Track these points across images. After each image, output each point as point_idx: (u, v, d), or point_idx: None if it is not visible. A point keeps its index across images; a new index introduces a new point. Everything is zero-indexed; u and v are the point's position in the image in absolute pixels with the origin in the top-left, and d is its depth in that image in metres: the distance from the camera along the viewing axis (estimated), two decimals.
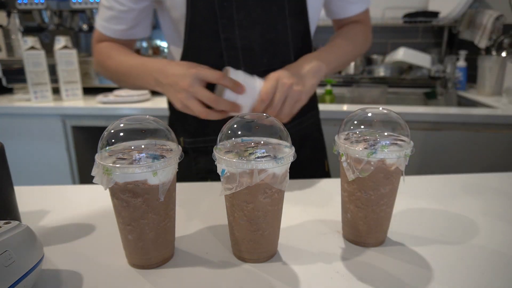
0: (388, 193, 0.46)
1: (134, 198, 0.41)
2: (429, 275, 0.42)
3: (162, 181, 0.41)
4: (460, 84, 1.82)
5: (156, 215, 0.43)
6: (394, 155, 0.43)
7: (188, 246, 0.49)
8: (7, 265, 0.35)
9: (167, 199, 0.43)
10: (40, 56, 1.52)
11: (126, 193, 0.41)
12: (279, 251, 0.47)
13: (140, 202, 0.41)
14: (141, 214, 0.42)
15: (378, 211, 0.47)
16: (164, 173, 0.41)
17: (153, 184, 0.41)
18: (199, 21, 0.70)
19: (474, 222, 0.55)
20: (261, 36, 0.72)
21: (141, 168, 0.39)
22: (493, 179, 0.71)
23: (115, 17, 0.74)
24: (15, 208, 0.50)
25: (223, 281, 0.42)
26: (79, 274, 0.43)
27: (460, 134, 1.35)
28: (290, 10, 0.72)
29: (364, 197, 0.46)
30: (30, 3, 1.62)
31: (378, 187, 0.45)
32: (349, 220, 0.49)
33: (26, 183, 0.69)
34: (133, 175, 0.40)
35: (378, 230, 0.48)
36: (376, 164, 0.44)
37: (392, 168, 0.44)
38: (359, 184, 0.46)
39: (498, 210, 0.59)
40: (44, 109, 1.50)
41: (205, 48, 0.72)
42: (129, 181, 0.40)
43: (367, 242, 0.48)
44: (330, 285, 0.41)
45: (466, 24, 1.83)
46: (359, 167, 0.44)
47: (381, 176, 0.45)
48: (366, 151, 0.43)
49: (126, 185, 0.40)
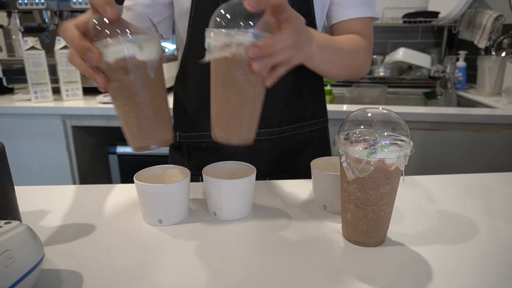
0: (388, 193, 0.46)
1: (126, 75, 0.44)
2: (429, 275, 0.43)
3: (149, 57, 0.45)
4: (460, 84, 1.82)
5: (149, 92, 0.46)
6: (394, 155, 0.44)
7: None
8: (8, 265, 0.35)
9: (158, 78, 0.47)
10: (40, 56, 1.52)
11: (119, 70, 0.44)
12: (277, 250, 0.48)
13: (132, 79, 0.44)
14: (136, 90, 0.45)
15: (378, 211, 0.47)
16: (149, 49, 0.45)
17: (141, 59, 0.44)
18: (202, 16, 0.71)
19: (474, 222, 0.55)
20: None
21: (127, 43, 0.42)
22: (493, 179, 0.72)
23: (137, 16, 0.72)
24: (16, 208, 0.50)
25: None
26: (79, 274, 0.43)
27: (459, 134, 1.35)
28: (294, 9, 0.72)
29: (364, 197, 0.46)
30: (30, 3, 1.62)
31: (378, 187, 0.45)
32: (349, 220, 0.49)
33: (27, 183, 0.69)
34: (120, 51, 0.43)
35: (378, 230, 0.48)
36: (376, 164, 0.44)
37: (392, 168, 0.45)
38: (359, 184, 0.46)
39: (498, 210, 0.59)
40: (44, 109, 1.50)
41: None
42: (119, 58, 0.43)
43: (367, 242, 0.48)
44: (330, 285, 0.41)
45: (465, 24, 1.83)
46: (359, 167, 0.45)
47: (381, 176, 0.45)
48: (366, 151, 0.44)
49: (117, 63, 0.43)
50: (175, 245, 0.49)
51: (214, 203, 0.55)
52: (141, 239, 0.51)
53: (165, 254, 0.47)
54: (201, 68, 0.75)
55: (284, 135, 0.78)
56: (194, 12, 0.71)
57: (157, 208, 0.53)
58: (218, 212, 0.55)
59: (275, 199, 0.63)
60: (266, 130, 0.76)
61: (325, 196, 0.58)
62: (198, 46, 0.73)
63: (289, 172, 0.82)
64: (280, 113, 0.77)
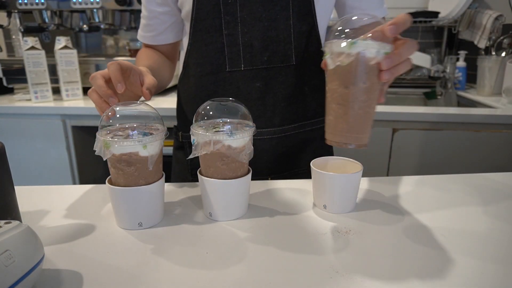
0: (368, 90, 0.48)
1: (128, 166, 0.50)
2: (429, 275, 0.43)
3: (151, 153, 0.51)
4: (460, 84, 1.82)
5: (146, 182, 0.52)
6: (374, 47, 0.46)
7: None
8: (8, 265, 0.35)
9: (155, 168, 0.53)
10: (40, 56, 1.52)
11: (122, 162, 0.50)
12: (276, 250, 0.48)
13: (133, 170, 0.51)
14: (134, 180, 0.51)
15: (357, 108, 0.48)
16: (152, 146, 0.51)
17: (143, 155, 0.50)
18: (203, 17, 0.72)
19: (474, 222, 0.55)
20: (262, 34, 0.72)
21: (134, 142, 0.49)
22: (493, 179, 0.72)
23: (147, 25, 0.82)
24: (16, 208, 0.51)
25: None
26: (79, 274, 0.43)
27: (459, 134, 1.35)
28: (294, 10, 0.72)
29: (344, 93, 0.48)
30: (30, 3, 1.62)
31: (357, 82, 0.47)
32: (331, 121, 0.51)
33: (27, 183, 0.69)
34: (127, 147, 0.49)
35: (358, 130, 0.49)
36: (356, 56, 0.46)
37: (372, 62, 0.46)
38: (340, 79, 0.48)
39: (498, 210, 0.59)
40: (44, 109, 1.50)
41: (208, 42, 0.73)
42: (124, 153, 0.49)
43: (347, 142, 0.50)
44: (330, 285, 0.41)
45: (465, 24, 1.83)
46: (340, 59, 0.47)
47: (361, 69, 0.47)
48: (348, 42, 0.46)
49: (121, 156, 0.50)
50: (175, 245, 0.49)
51: (209, 204, 0.55)
52: (141, 239, 0.51)
53: (165, 254, 0.47)
54: (202, 69, 0.75)
55: (285, 134, 0.78)
56: (196, 14, 0.72)
57: (135, 211, 0.53)
58: (213, 212, 0.56)
59: (275, 199, 0.63)
60: (267, 130, 0.76)
61: (325, 196, 0.58)
62: (199, 46, 0.74)
63: (290, 171, 0.82)
64: (282, 112, 0.77)
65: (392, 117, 1.36)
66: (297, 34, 0.74)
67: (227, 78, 0.75)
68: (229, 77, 0.74)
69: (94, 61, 1.65)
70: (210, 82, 0.76)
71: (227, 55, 0.73)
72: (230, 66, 0.74)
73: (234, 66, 0.74)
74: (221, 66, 0.74)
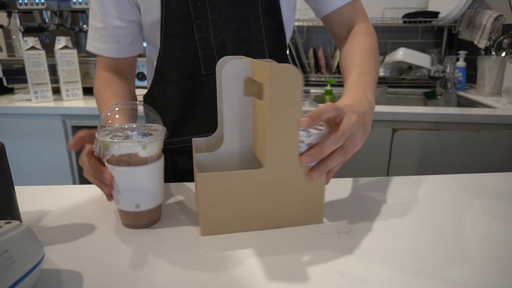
0: None
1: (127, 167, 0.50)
2: (429, 275, 0.43)
3: (150, 154, 0.51)
4: (460, 84, 1.82)
5: None
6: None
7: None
8: (8, 265, 0.35)
9: None
10: (40, 56, 1.52)
11: (121, 163, 0.50)
12: (276, 251, 0.48)
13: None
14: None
15: None
16: (151, 147, 0.50)
17: (143, 156, 0.50)
18: (173, 22, 0.71)
19: (474, 222, 0.55)
20: (235, 35, 0.73)
21: (133, 142, 0.49)
22: (493, 179, 0.72)
23: (110, 36, 0.76)
24: (16, 208, 0.51)
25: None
26: (79, 274, 0.43)
27: (459, 134, 1.35)
28: (263, 9, 0.73)
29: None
30: (30, 3, 1.62)
31: None
32: None
33: (27, 183, 0.69)
34: (126, 148, 0.49)
35: None
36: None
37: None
38: None
39: (498, 210, 0.59)
40: (44, 109, 1.50)
41: (181, 47, 0.73)
42: (123, 154, 0.49)
43: None
44: (330, 285, 0.41)
45: (465, 24, 1.83)
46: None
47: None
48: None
49: (121, 157, 0.49)
50: (174, 245, 0.49)
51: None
52: (141, 239, 0.51)
53: (165, 254, 0.47)
54: (178, 74, 0.75)
55: None
56: (166, 19, 0.71)
57: (133, 192, 0.51)
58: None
59: None
60: None
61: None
62: (173, 52, 0.74)
63: None
64: None
65: (392, 117, 1.36)
66: (268, 32, 0.75)
67: (204, 82, 0.75)
68: (205, 80, 0.75)
69: (94, 61, 1.65)
70: (187, 87, 0.75)
71: (201, 58, 0.73)
72: (206, 69, 0.74)
73: (209, 69, 0.74)
74: (196, 69, 0.74)
